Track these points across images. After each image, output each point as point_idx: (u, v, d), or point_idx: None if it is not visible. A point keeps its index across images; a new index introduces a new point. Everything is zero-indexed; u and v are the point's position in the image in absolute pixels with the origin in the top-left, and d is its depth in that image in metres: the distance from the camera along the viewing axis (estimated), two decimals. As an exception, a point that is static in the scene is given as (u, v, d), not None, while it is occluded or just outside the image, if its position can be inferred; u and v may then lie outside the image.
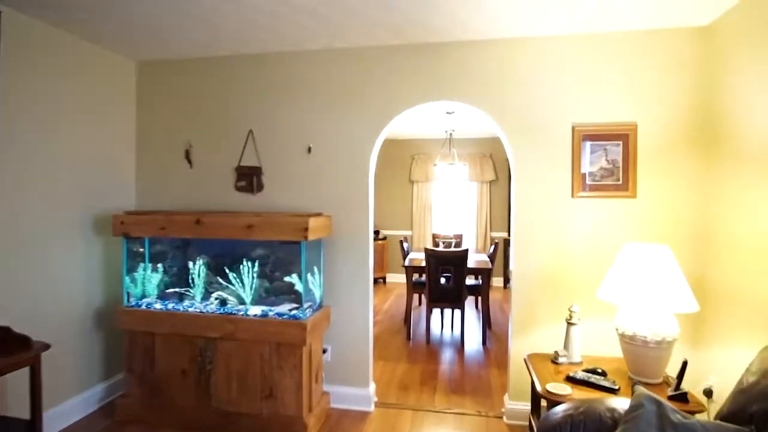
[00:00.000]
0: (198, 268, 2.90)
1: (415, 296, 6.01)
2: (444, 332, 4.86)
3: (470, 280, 5.17)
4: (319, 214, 2.87)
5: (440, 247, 5.40)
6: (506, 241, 6.98)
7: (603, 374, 2.15)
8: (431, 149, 7.46)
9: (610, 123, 2.64)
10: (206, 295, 2.91)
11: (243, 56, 3.10)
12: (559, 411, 1.71)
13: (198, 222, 2.69)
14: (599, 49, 2.65)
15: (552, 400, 1.97)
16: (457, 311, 5.07)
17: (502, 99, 2.77)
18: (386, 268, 7.49)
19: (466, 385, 3.42)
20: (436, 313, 5.50)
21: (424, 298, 4.66)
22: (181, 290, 2.98)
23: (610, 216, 2.65)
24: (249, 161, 3.10)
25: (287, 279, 2.76)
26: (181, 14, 2.45)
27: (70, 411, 2.75)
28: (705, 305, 2.34)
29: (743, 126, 2.17)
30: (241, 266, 2.80)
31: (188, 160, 3.20)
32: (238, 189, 3.12)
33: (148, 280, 2.95)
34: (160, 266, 2.98)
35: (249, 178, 3.09)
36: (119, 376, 3.12)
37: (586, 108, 2.67)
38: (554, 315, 2.70)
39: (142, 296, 2.94)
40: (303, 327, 2.54)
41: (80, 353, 2.85)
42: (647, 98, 2.60)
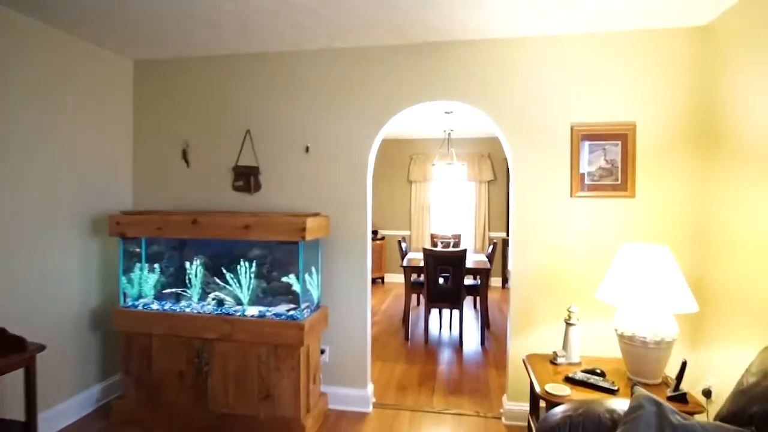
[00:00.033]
0: (195, 269, 2.88)
1: (414, 296, 6.00)
2: (442, 332, 4.85)
3: (469, 280, 5.16)
4: (317, 214, 2.86)
5: (438, 247, 5.39)
6: (504, 241, 6.98)
7: (602, 375, 2.14)
8: (430, 149, 7.46)
9: (609, 123, 2.63)
10: (203, 296, 2.89)
11: (241, 55, 3.09)
12: (558, 412, 1.70)
13: (195, 222, 2.67)
14: (598, 49, 2.64)
15: (551, 401, 1.96)
16: (456, 311, 5.07)
17: (501, 99, 2.76)
18: (384, 268, 7.48)
19: (465, 386, 3.41)
20: (435, 314, 5.49)
21: (423, 299, 4.65)
22: (178, 291, 2.96)
23: (609, 216, 2.65)
24: (246, 161, 3.09)
25: (285, 279, 2.75)
26: (180, 13, 2.44)
27: (66, 413, 2.73)
28: (704, 305, 2.33)
29: (742, 126, 2.16)
30: (239, 266, 2.78)
31: (185, 160, 3.18)
32: (236, 189, 3.11)
33: (145, 281, 2.94)
34: (157, 266, 2.97)
35: (246, 178, 3.08)
36: (115, 378, 3.10)
37: (585, 108, 2.66)
38: (553, 315, 2.69)
39: (139, 297, 2.93)
40: (300, 328, 2.52)
41: (76, 354, 2.83)
42: (646, 98, 2.59)
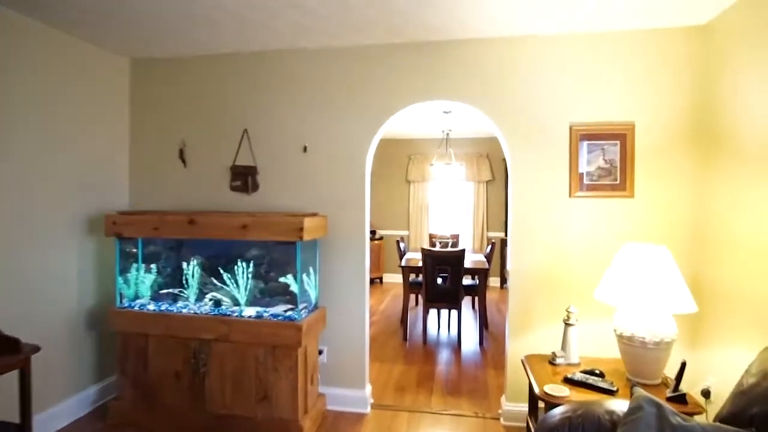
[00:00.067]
0: (192, 269, 2.86)
1: (412, 296, 5.99)
2: (441, 333, 4.84)
3: (467, 280, 5.15)
4: (315, 214, 2.84)
5: (437, 247, 5.37)
6: (503, 241, 6.98)
7: (601, 375, 2.13)
8: (428, 149, 7.45)
9: (608, 122, 2.62)
10: (200, 296, 2.87)
11: (238, 54, 3.07)
12: (557, 413, 1.69)
13: (191, 222, 2.65)
14: (597, 49, 2.63)
15: (550, 402, 1.95)
16: (454, 311, 5.06)
17: (500, 98, 2.75)
18: (383, 268, 7.47)
19: (463, 387, 3.40)
20: (433, 314, 5.48)
21: (421, 299, 4.64)
22: (175, 291, 2.94)
23: (608, 216, 2.64)
24: (244, 160, 3.07)
25: (282, 280, 2.73)
26: (178, 12, 2.42)
27: (62, 414, 2.71)
28: (703, 305, 2.32)
29: (741, 126, 2.16)
30: (236, 267, 2.76)
31: (182, 160, 3.16)
32: (233, 189, 3.09)
33: (142, 281, 2.91)
34: (154, 267, 2.95)
35: (244, 178, 3.06)
36: (111, 379, 3.07)
37: (584, 107, 2.65)
38: (551, 315, 2.68)
39: (135, 297, 2.91)
40: (298, 328, 2.51)
41: (72, 355, 2.81)
42: (645, 98, 2.59)
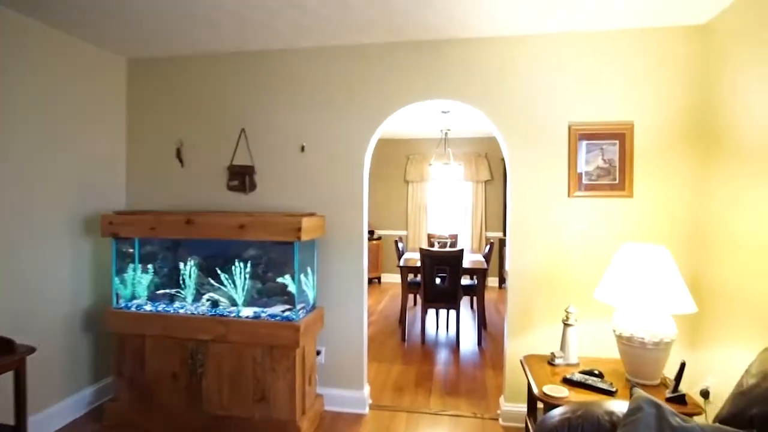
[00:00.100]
0: (189, 269, 2.84)
1: (410, 296, 5.98)
2: (439, 333, 4.83)
3: (465, 280, 5.14)
4: (313, 214, 2.83)
5: (435, 247, 5.36)
6: (501, 241, 6.97)
7: (600, 376, 2.13)
8: (426, 149, 7.44)
9: (607, 122, 2.62)
10: (197, 297, 2.86)
11: (236, 53, 3.05)
12: (556, 414, 1.68)
13: (188, 222, 2.64)
14: (596, 48, 2.62)
15: (549, 403, 1.94)
16: (453, 311, 5.05)
17: (499, 98, 2.74)
18: (381, 269, 7.46)
19: (462, 387, 3.39)
20: (431, 314, 5.47)
21: (419, 299, 4.63)
22: (172, 291, 2.93)
23: (607, 216, 2.63)
24: (241, 160, 3.05)
25: (280, 280, 2.71)
26: (176, 12, 2.40)
27: (57, 415, 2.69)
28: (702, 306, 2.32)
29: (741, 125, 2.15)
30: (233, 267, 2.75)
31: (179, 159, 3.14)
32: (231, 188, 3.07)
33: (138, 282, 2.90)
34: (151, 267, 2.93)
35: (241, 178, 3.04)
36: (108, 380, 3.05)
37: (583, 107, 2.65)
38: (550, 315, 2.67)
39: (132, 298, 2.89)
40: (296, 329, 2.50)
41: (68, 356, 2.79)
42: (644, 97, 2.58)
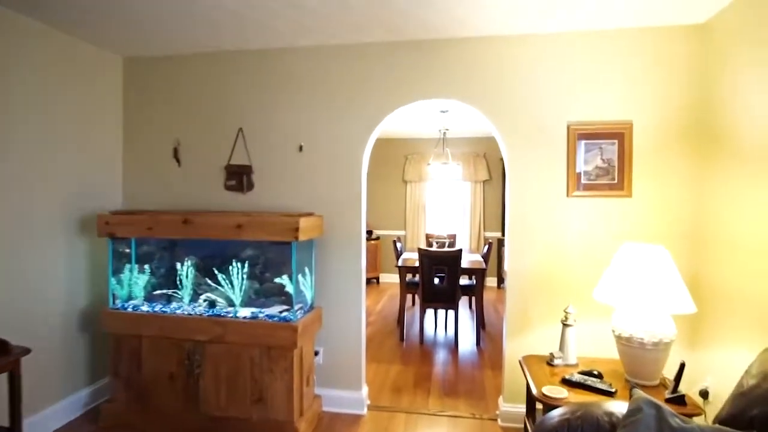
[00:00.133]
0: (186, 269, 2.83)
1: (409, 296, 5.96)
2: (438, 333, 4.82)
3: (464, 280, 5.13)
4: (311, 214, 2.81)
5: (434, 247, 5.35)
6: (500, 241, 6.97)
7: (599, 376, 2.12)
8: (425, 149, 7.43)
9: (606, 121, 2.61)
10: (194, 297, 2.84)
11: (234, 52, 3.03)
12: (556, 415, 1.67)
13: (185, 222, 2.62)
14: (595, 47, 2.61)
15: (548, 404, 1.93)
16: (451, 312, 5.03)
17: (498, 97, 2.72)
18: (379, 269, 7.45)
19: (460, 387, 3.37)
20: (430, 314, 5.46)
21: (418, 299, 4.62)
22: (169, 292, 2.91)
23: (606, 215, 2.62)
24: (239, 160, 3.04)
25: (278, 280, 2.70)
26: (175, 11, 2.39)
27: (53, 417, 2.67)
28: (701, 306, 2.31)
29: (740, 125, 2.14)
30: (231, 267, 2.73)
31: (176, 159, 3.12)
32: (228, 188, 3.05)
33: (135, 282, 2.88)
34: (147, 267, 2.91)
35: (239, 177, 3.03)
36: (104, 381, 3.03)
37: (582, 106, 2.64)
38: (549, 316, 2.66)
39: (129, 298, 2.87)
40: (294, 329, 2.48)
41: (63, 357, 2.76)
42: (643, 97, 2.57)
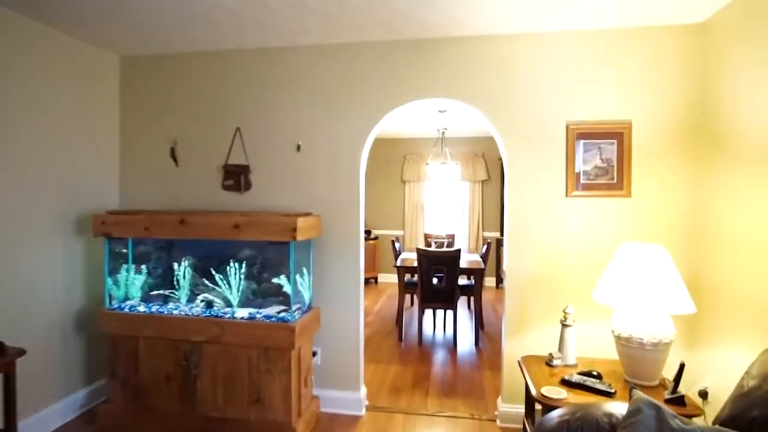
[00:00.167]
0: (183, 270, 2.81)
1: (407, 297, 5.96)
2: (436, 333, 4.81)
3: (462, 280, 5.13)
4: (309, 214, 2.80)
5: (432, 247, 5.35)
6: (498, 241, 6.96)
7: (598, 377, 2.11)
8: (423, 148, 7.42)
9: (605, 121, 2.60)
10: (192, 298, 2.82)
11: (232, 51, 3.02)
12: (555, 416, 1.66)
13: (182, 222, 2.60)
14: (595, 47, 2.61)
15: (547, 405, 1.92)
16: (450, 312, 5.03)
17: (497, 97, 2.71)
18: (378, 269, 7.43)
19: (459, 388, 3.36)
20: (428, 314, 5.45)
21: (416, 299, 4.61)
22: (166, 292, 2.89)
23: (605, 215, 2.62)
24: (236, 159, 3.02)
25: (275, 280, 2.69)
26: (173, 9, 2.37)
27: (49, 418, 2.65)
28: (701, 306, 2.31)
29: (740, 124, 2.14)
30: (228, 267, 2.72)
31: (174, 158, 3.10)
32: (226, 188, 3.04)
33: (132, 282, 2.86)
34: (144, 267, 2.89)
35: (236, 177, 3.01)
36: (101, 382, 3.01)
37: (581, 106, 2.63)
38: (548, 316, 2.65)
39: (125, 298, 2.85)
40: (291, 330, 2.47)
41: (60, 358, 2.74)
42: (642, 96, 2.56)
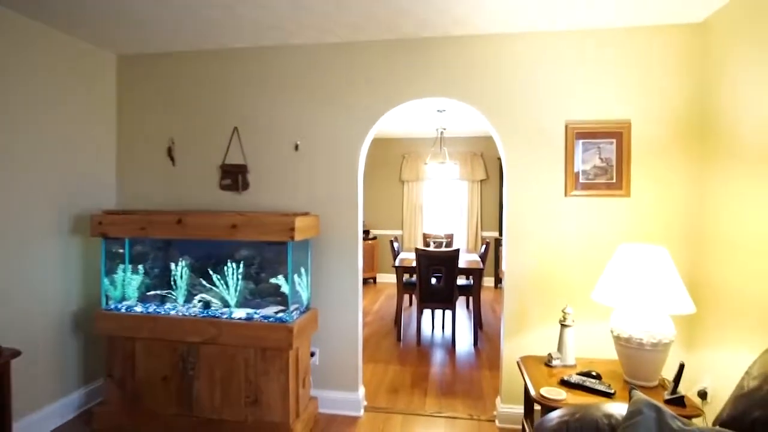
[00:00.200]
0: (180, 270, 2.79)
1: (406, 297, 5.95)
2: (435, 333, 4.80)
3: (461, 280, 5.12)
4: (307, 214, 2.78)
5: (431, 247, 5.34)
6: (497, 241, 6.95)
7: (598, 377, 2.10)
8: (422, 148, 7.40)
9: (604, 120, 2.59)
10: (189, 298, 2.81)
11: (229, 50, 3.00)
12: (554, 417, 1.65)
13: (180, 222, 2.58)
14: (594, 46, 2.60)
15: (546, 405, 1.91)
16: (448, 312, 5.02)
17: (496, 96, 2.70)
18: (376, 269, 7.42)
19: (458, 388, 3.35)
20: (427, 314, 5.44)
21: (415, 299, 4.60)
22: (163, 293, 2.87)
23: (604, 215, 2.61)
24: (234, 159, 3.00)
25: (273, 281, 2.67)
26: (167, 7, 2.35)
27: (45, 420, 2.63)
28: (700, 306, 2.30)
29: (739, 124, 2.13)
30: (226, 268, 2.70)
31: (171, 158, 3.09)
32: (223, 188, 3.02)
33: (128, 283, 2.84)
34: (141, 268, 2.87)
35: (234, 177, 2.99)
36: (97, 383, 3.00)
37: (580, 105, 2.62)
38: (547, 316, 2.64)
39: (122, 299, 2.83)
40: (289, 330, 2.45)
41: (56, 359, 2.72)
42: (641, 95, 2.56)
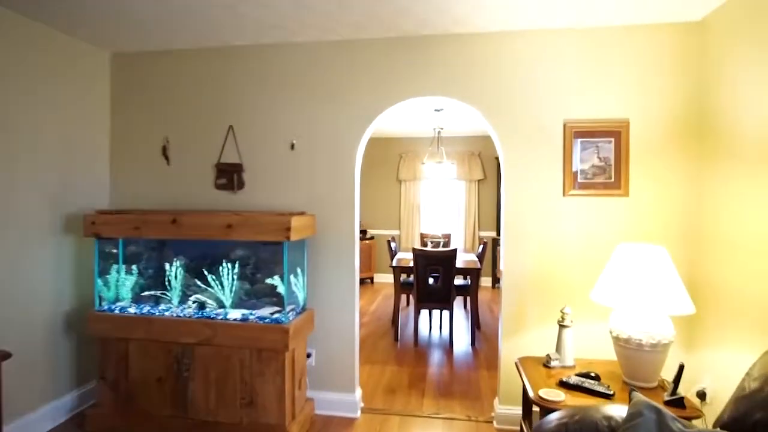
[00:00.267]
0: (175, 270, 2.76)
1: (403, 297, 5.92)
2: (432, 333, 4.78)
3: (459, 280, 5.10)
4: (303, 213, 2.75)
5: (428, 247, 5.31)
6: (495, 241, 6.94)
7: (596, 378, 2.08)
8: (419, 148, 7.38)
9: (602, 119, 2.57)
10: (184, 299, 2.77)
11: (225, 48, 2.97)
12: (553, 419, 1.63)
13: (174, 222, 2.55)
14: (592, 45, 2.58)
15: (545, 407, 1.89)
16: (446, 312, 5.00)
17: (494, 95, 2.68)
18: (374, 269, 7.39)
19: (455, 389, 3.33)
20: (425, 314, 5.42)
21: (412, 299, 4.57)
22: (157, 293, 2.84)
23: (602, 215, 2.59)
24: (229, 158, 2.97)
25: (269, 281, 2.64)
26: (163, 4, 2.31)
27: (37, 422, 2.59)
28: (700, 306, 2.29)
29: (739, 123, 2.12)
30: (221, 268, 2.67)
31: (165, 157, 3.05)
32: (218, 187, 2.99)
33: (122, 283, 2.81)
34: (135, 268, 2.84)
35: (229, 176, 2.96)
36: (90, 385, 2.96)
37: (579, 104, 2.60)
38: (545, 316, 2.63)
39: (116, 300, 2.79)
40: (285, 331, 2.42)
41: (48, 360, 2.69)
42: (640, 94, 2.54)
